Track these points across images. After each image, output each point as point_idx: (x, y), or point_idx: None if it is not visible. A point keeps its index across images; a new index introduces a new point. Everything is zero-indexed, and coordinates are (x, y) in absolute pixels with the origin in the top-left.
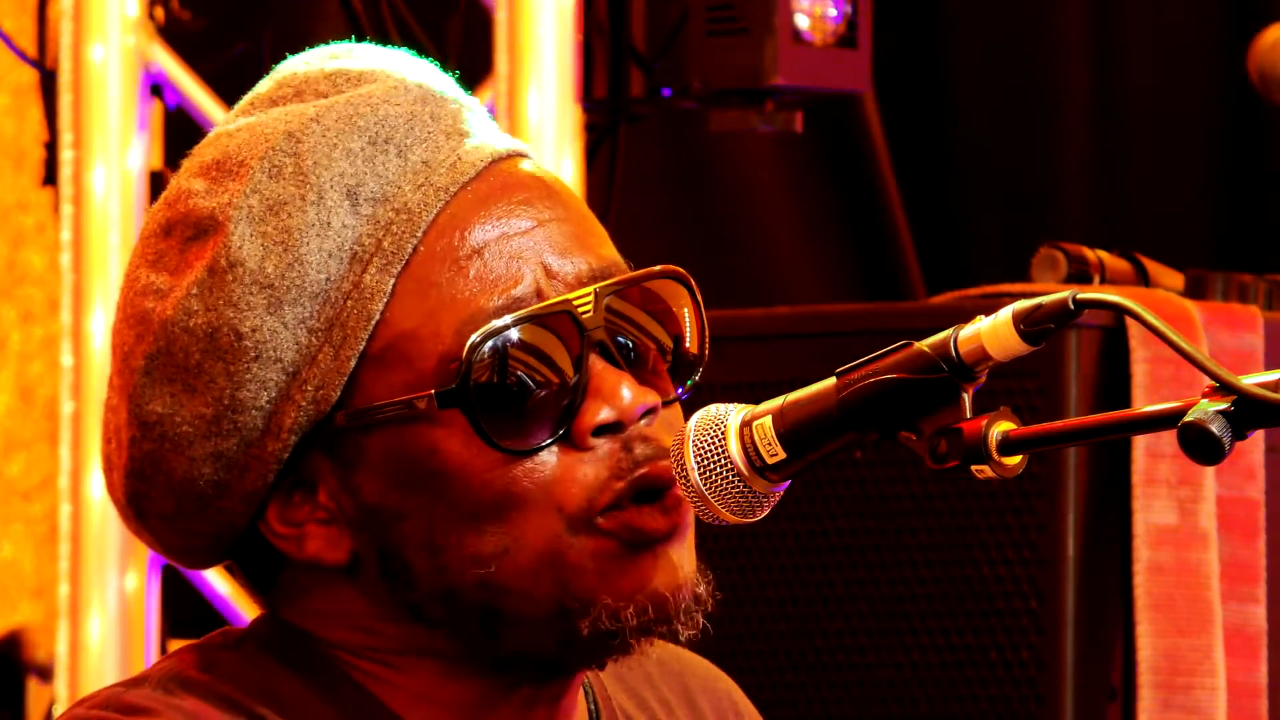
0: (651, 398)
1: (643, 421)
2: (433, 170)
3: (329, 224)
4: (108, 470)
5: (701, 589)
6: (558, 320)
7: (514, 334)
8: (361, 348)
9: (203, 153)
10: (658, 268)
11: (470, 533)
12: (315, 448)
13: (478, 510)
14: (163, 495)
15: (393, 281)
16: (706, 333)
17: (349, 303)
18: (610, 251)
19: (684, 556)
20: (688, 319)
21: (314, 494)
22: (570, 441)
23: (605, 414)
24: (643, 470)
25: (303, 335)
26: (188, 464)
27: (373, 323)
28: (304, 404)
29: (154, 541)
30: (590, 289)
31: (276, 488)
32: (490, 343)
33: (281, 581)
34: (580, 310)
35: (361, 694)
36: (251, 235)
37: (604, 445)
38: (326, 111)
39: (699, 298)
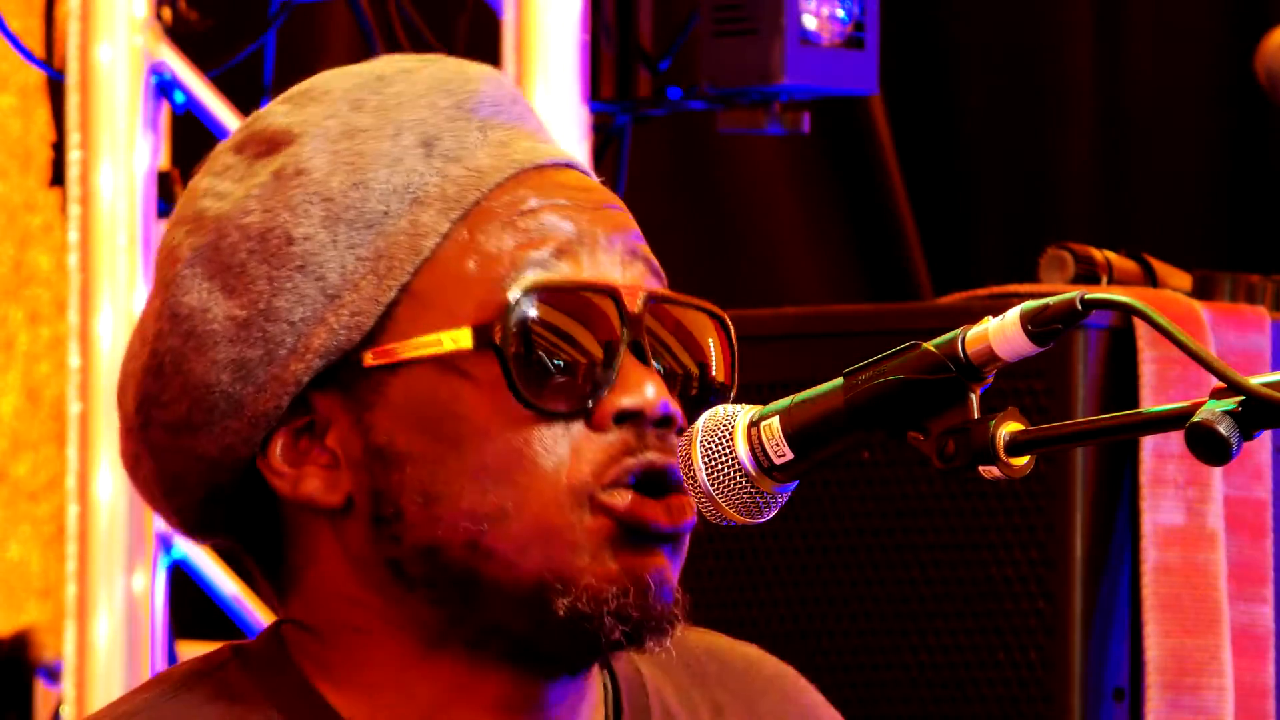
0: (674, 404)
1: (659, 430)
2: (509, 148)
3: (400, 160)
4: (123, 385)
5: (679, 606)
6: (604, 301)
7: (559, 296)
8: (405, 280)
9: (292, 89)
10: (705, 302)
11: (472, 487)
12: (333, 386)
13: (486, 465)
14: (175, 399)
15: (449, 225)
16: (736, 375)
17: (402, 238)
18: (658, 266)
19: (675, 564)
20: (716, 355)
21: (321, 438)
22: (590, 419)
23: (629, 401)
24: (653, 456)
25: (349, 260)
26: (208, 366)
27: (420, 259)
28: (336, 328)
29: (151, 470)
30: (642, 290)
31: (285, 422)
32: (535, 297)
33: (285, 563)
34: (627, 301)
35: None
36: (322, 150)
37: (619, 431)
38: (421, 67)
39: (734, 340)
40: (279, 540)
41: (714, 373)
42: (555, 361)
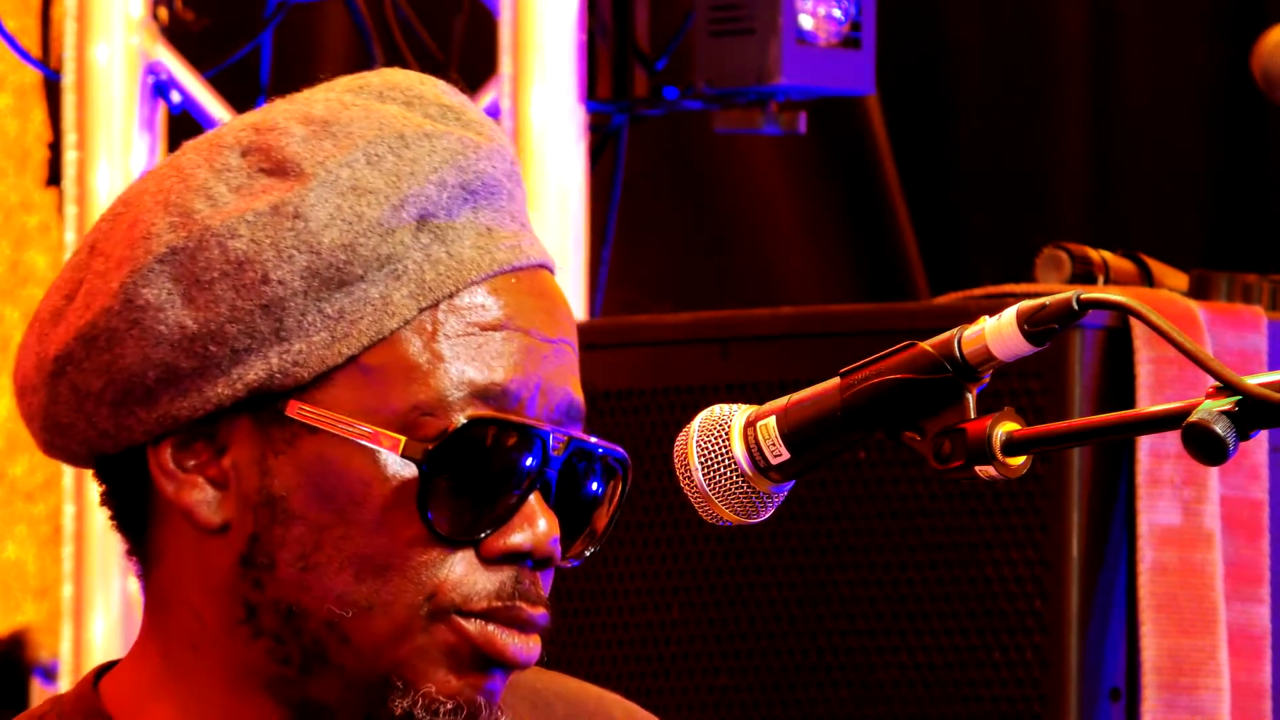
0: (558, 551)
1: (538, 567)
2: (494, 240)
3: (393, 232)
4: (50, 323)
5: (497, 716)
6: (531, 440)
7: (492, 434)
8: (356, 352)
9: (312, 104)
10: (619, 450)
11: (349, 571)
12: (247, 415)
13: (369, 557)
14: (95, 372)
15: (415, 311)
16: (612, 524)
17: (368, 309)
18: (582, 396)
19: (501, 688)
20: (604, 499)
21: (218, 454)
22: (479, 549)
23: (520, 539)
24: (519, 607)
25: (312, 312)
26: (140, 359)
27: (379, 337)
28: (274, 368)
29: (40, 406)
30: (567, 436)
31: (189, 426)
32: (473, 432)
33: (149, 543)
34: (553, 445)
35: None
36: (326, 200)
37: (502, 567)
38: (440, 136)
39: (625, 490)
40: (147, 521)
41: (607, 504)
42: (469, 491)
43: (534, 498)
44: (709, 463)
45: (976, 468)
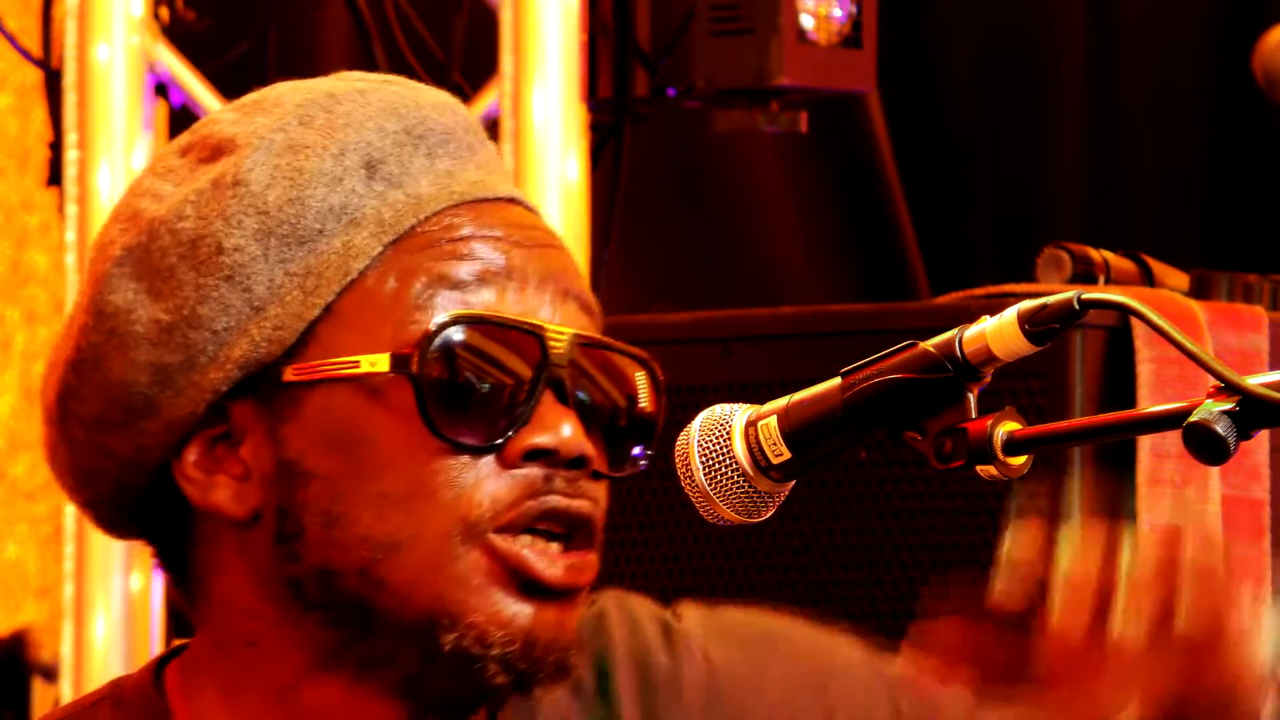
0: (590, 448)
1: (572, 471)
2: (454, 179)
3: (341, 181)
4: (48, 374)
5: (570, 656)
6: (527, 340)
7: (482, 329)
8: (330, 300)
9: (244, 97)
10: (633, 347)
11: (371, 513)
12: (251, 397)
13: (388, 493)
14: (93, 395)
15: (380, 248)
16: (662, 414)
17: (333, 257)
18: (593, 306)
19: (568, 620)
20: (643, 393)
21: (236, 448)
22: (501, 455)
23: (542, 439)
24: (556, 500)
25: (279, 274)
26: (127, 366)
27: (348, 280)
28: (258, 339)
29: (66, 461)
30: (568, 331)
31: (201, 428)
32: (456, 327)
33: (192, 571)
34: (551, 341)
35: None
36: (264, 163)
37: (528, 469)
38: (375, 90)
39: (660, 382)
40: (188, 546)
41: (642, 404)
42: (471, 394)
43: (549, 398)
44: (710, 462)
45: (977, 467)
